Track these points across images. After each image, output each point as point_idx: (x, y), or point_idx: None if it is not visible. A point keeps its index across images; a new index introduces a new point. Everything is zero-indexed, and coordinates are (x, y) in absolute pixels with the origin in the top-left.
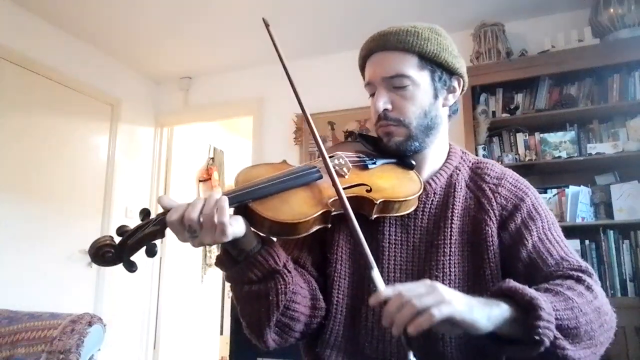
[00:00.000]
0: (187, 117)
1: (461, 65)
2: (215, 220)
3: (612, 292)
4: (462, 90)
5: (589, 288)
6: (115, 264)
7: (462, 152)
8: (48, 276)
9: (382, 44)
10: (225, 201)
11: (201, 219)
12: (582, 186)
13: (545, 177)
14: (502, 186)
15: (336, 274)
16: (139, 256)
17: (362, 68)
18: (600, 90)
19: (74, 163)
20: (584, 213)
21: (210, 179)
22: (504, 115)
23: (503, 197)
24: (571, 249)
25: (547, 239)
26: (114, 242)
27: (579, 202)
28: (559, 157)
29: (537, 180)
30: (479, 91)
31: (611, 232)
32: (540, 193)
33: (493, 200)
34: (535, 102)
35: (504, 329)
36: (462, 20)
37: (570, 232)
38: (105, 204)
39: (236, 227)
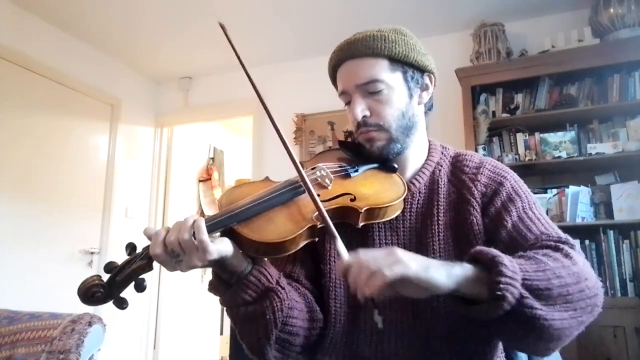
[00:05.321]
0: (187, 117)
1: (430, 62)
2: (195, 238)
3: (612, 292)
4: (434, 86)
5: (567, 255)
6: (105, 302)
7: (443, 147)
8: (48, 276)
9: (351, 52)
10: (202, 220)
11: (180, 241)
12: (582, 186)
13: (545, 177)
14: (481, 174)
15: (331, 284)
16: None
17: (334, 78)
18: (600, 90)
19: (74, 163)
20: (584, 213)
21: (210, 179)
22: (504, 115)
23: (482, 184)
24: (553, 225)
25: (528, 217)
26: (102, 281)
27: (579, 202)
28: (559, 157)
29: (537, 180)
30: (479, 91)
31: (611, 232)
32: (540, 193)
33: (473, 189)
34: (535, 102)
35: (466, 288)
36: (462, 20)
37: (570, 232)
38: (105, 204)
39: (221, 245)
